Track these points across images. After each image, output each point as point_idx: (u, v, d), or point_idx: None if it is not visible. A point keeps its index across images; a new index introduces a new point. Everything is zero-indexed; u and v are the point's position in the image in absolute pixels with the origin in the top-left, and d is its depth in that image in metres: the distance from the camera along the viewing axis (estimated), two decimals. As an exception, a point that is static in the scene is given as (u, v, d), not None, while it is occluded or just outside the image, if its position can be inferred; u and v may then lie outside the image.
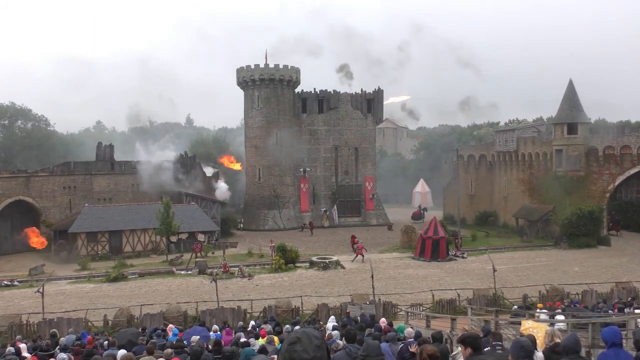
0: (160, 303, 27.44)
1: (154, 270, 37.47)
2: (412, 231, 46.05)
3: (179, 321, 23.36)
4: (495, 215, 59.29)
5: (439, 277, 34.78)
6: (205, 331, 16.62)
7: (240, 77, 60.18)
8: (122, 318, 23.75)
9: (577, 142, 46.86)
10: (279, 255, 38.00)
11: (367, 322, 16.62)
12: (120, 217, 45.02)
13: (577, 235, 44.56)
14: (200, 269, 36.75)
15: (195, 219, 47.03)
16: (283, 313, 24.53)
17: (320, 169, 61.88)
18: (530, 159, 53.22)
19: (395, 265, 38.65)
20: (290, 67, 59.85)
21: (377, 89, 63.63)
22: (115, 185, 52.48)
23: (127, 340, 13.40)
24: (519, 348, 5.87)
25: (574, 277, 33.44)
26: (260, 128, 59.60)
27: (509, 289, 28.83)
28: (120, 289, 32.69)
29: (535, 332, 11.27)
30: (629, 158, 45.68)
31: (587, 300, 24.97)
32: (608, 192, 46.97)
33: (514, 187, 56.11)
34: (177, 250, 44.14)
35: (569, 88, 48.37)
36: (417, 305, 25.77)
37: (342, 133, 62.18)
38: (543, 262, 39.43)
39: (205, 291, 30.83)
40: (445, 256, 40.53)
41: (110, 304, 27.69)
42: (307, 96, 61.74)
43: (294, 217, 59.17)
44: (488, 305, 24.62)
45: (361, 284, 31.44)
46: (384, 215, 62.86)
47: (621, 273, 34.19)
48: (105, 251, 43.47)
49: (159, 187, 51.04)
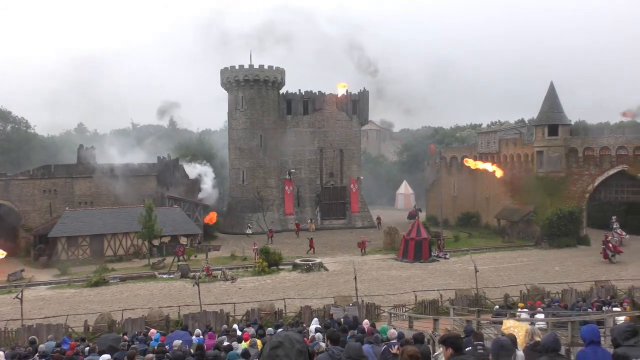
0: (142, 307, 27.13)
1: (135, 275, 37.08)
2: (395, 232, 46.27)
3: (161, 326, 23.15)
4: (477, 216, 59.81)
5: (422, 278, 34.97)
6: (188, 335, 16.49)
7: (224, 78, 59.88)
8: (103, 323, 23.46)
9: (558, 143, 47.49)
10: (262, 258, 37.88)
11: (350, 323, 16.63)
12: (101, 221, 44.49)
13: (558, 235, 45.20)
14: (182, 272, 36.47)
15: (178, 222, 46.67)
16: (266, 316, 24.46)
17: (305, 171, 61.74)
18: (512, 160, 53.80)
19: (378, 267, 38.78)
20: (275, 68, 59.69)
21: (363, 90, 63.66)
22: (97, 189, 51.84)
23: (108, 346, 13.20)
24: (499, 347, 5.95)
25: (555, 276, 33.91)
26: (244, 130, 59.34)
27: (490, 289, 29.10)
28: (102, 293, 32.29)
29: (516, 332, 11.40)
30: (607, 159, 46.42)
31: (567, 299, 25.32)
32: (588, 193, 47.68)
33: (495, 188, 56.64)
34: (159, 254, 43.73)
35: (550, 90, 49.01)
36: (400, 306, 25.88)
37: (327, 135, 62.08)
38: (524, 262, 39.89)
39: (187, 295, 30.60)
40: (428, 257, 40.77)
41: (91, 309, 27.35)
42: (292, 97, 61.58)
43: (278, 220, 58.99)
44: (470, 306, 24.82)
45: (344, 286, 31.48)
46: (369, 217, 62.94)
47: (600, 272, 34.75)
48: (86, 256, 42.89)
49: (138, 190, 50.57)
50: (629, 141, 45.39)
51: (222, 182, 61.93)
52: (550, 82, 49.13)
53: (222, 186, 61.64)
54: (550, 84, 49.10)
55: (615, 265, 37.58)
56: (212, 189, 57.38)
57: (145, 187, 53.66)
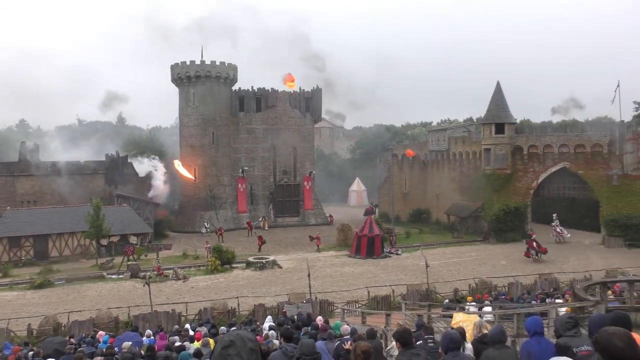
0: (89, 309, 26.34)
1: (83, 276, 35.91)
2: (348, 229, 46.67)
3: (110, 327, 22.55)
4: (428, 212, 61.06)
5: (375, 274, 35.43)
6: (138, 336, 16.14)
7: (174, 73, 58.68)
8: (48, 326, 22.63)
9: (504, 141, 49.01)
10: (214, 257, 37.45)
11: (303, 320, 16.69)
12: (45, 221, 42.82)
13: (504, 230, 46.73)
14: (132, 272, 35.61)
15: (127, 221, 45.50)
16: (219, 315, 24.22)
17: (258, 168, 61.34)
18: (461, 157, 55.18)
19: (331, 264, 39.01)
20: (227, 64, 58.92)
21: (316, 88, 63.80)
22: (41, 188, 49.86)
23: (54, 350, 12.72)
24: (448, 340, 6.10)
25: (501, 270, 35.04)
26: (196, 127, 58.37)
27: (440, 284, 29.78)
28: (46, 296, 31.11)
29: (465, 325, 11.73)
30: (550, 156, 48.27)
31: (512, 292, 26.22)
32: (532, 189, 49.45)
33: (445, 185, 58.02)
34: (108, 254, 42.53)
35: (497, 90, 50.47)
36: (353, 302, 26.15)
37: (281, 132, 61.79)
38: (473, 256, 41.03)
39: (138, 295, 29.91)
40: (380, 253, 41.33)
41: (35, 312, 26.29)
42: (245, 94, 60.99)
43: (231, 218, 58.40)
44: (421, 300, 25.32)
45: (298, 283, 31.53)
46: (322, 214, 63.18)
47: (543, 265, 36.11)
48: (29, 257, 41.24)
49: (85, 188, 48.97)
50: (570, 139, 47.35)
51: (174, 180, 60.77)
52: (496, 82, 50.63)
53: (173, 184, 60.47)
54: (497, 83, 50.55)
55: (557, 258, 39.13)
56: (163, 186, 56.19)
57: (92, 185, 52.05)
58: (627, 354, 3.30)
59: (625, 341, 3.34)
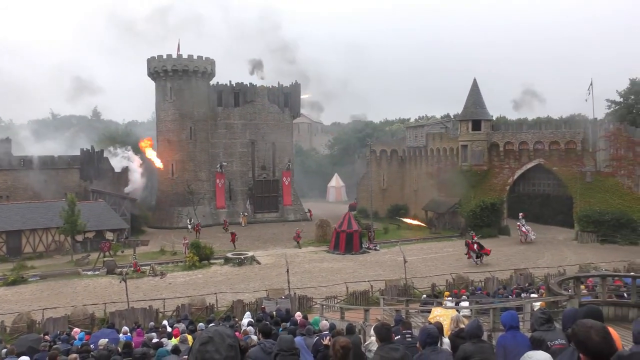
0: (65, 306, 25.93)
1: (57, 272, 35.33)
2: (326, 225, 46.76)
3: (86, 324, 22.28)
4: (406, 208, 61.46)
5: (353, 269, 35.59)
6: (115, 333, 15.95)
7: (151, 67, 57.86)
8: (22, 324, 22.26)
9: (481, 138, 49.60)
10: (192, 253, 37.18)
11: (282, 316, 16.70)
12: (18, 216, 41.98)
13: (481, 225, 47.29)
14: (108, 268, 35.16)
15: (103, 217, 44.90)
16: (197, 311, 24.08)
17: (236, 164, 60.94)
18: (439, 153, 55.66)
19: (310, 259, 39.07)
20: (205, 58, 58.32)
21: (294, 83, 63.56)
22: (13, 182, 48.85)
23: (28, 347, 12.50)
24: (425, 335, 6.16)
25: (478, 265, 35.48)
26: (174, 122, 57.72)
27: (418, 279, 30.07)
28: (20, 292, 30.54)
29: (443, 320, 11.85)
30: (526, 153, 49.01)
31: (489, 287, 26.62)
32: (508, 185, 50.17)
33: (423, 181, 58.47)
34: (83, 250, 41.92)
35: (473, 87, 51.00)
36: (331, 297, 26.25)
37: (259, 127, 61.49)
38: (450, 252, 41.49)
39: (114, 292, 29.56)
40: (359, 249, 41.53)
41: (8, 309, 25.82)
42: (223, 89, 60.46)
43: (209, 213, 57.97)
44: (399, 295, 25.55)
45: (277, 279, 31.51)
46: (301, 210, 63.05)
47: (519, 261, 36.69)
48: (2, 253, 40.40)
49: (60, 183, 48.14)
50: (545, 136, 48.11)
51: (151, 176, 60.06)
52: (473, 79, 51.15)
53: (150, 179, 59.78)
54: (474, 80, 51.08)
55: (533, 253, 39.79)
56: (140, 180, 55.43)
57: (66, 180, 51.25)
58: (604, 347, 3.38)
59: (601, 335, 3.41)
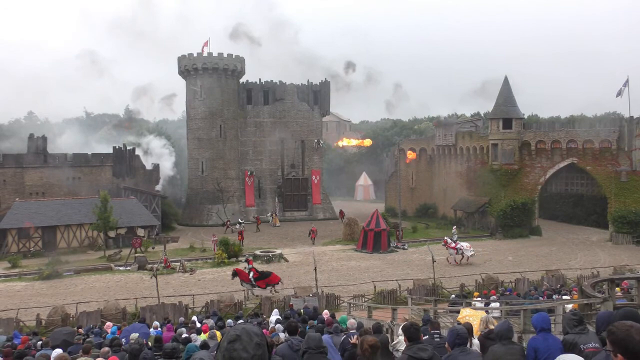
0: (97, 300, 26.53)
1: (91, 267, 36.17)
2: (354, 224, 46.66)
3: (118, 318, 22.68)
4: (434, 207, 60.91)
5: (381, 268, 35.44)
6: (145, 328, 16.23)
7: (182, 65, 58.58)
8: (57, 317, 22.80)
9: (512, 136, 48.77)
10: (221, 250, 37.58)
11: (310, 314, 16.75)
12: (54, 212, 43.12)
13: (511, 226, 46.58)
14: (139, 264, 35.81)
15: (134, 213, 45.74)
16: (226, 307, 24.31)
17: (265, 162, 61.25)
18: (468, 152, 54.96)
19: (338, 258, 39.06)
20: (235, 56, 58.74)
21: (324, 80, 63.46)
22: (49, 179, 50.16)
23: (62, 340, 12.86)
24: (455, 335, 6.09)
25: (508, 266, 34.95)
26: (204, 119, 58.35)
27: (447, 279, 29.78)
28: (55, 286, 31.37)
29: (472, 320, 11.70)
30: (558, 152, 47.99)
31: (519, 288, 26.16)
32: (540, 185, 49.22)
33: (452, 180, 57.84)
34: (115, 246, 42.79)
35: (504, 85, 50.18)
36: (359, 296, 26.17)
37: (288, 125, 61.59)
38: (479, 252, 40.87)
39: (145, 287, 30.10)
40: (386, 248, 41.33)
41: (43, 303, 26.54)
42: (252, 87, 60.79)
43: (238, 211, 58.43)
44: (427, 295, 25.31)
45: (304, 277, 31.61)
46: (330, 209, 62.87)
47: (551, 261, 35.99)
48: (38, 248, 41.57)
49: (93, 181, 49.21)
50: (578, 135, 47.01)
51: (181, 173, 60.93)
52: (504, 77, 50.32)
53: (181, 177, 60.67)
54: (505, 78, 50.26)
55: (565, 254, 38.96)
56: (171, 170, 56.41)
57: (100, 177, 52.32)
58: None
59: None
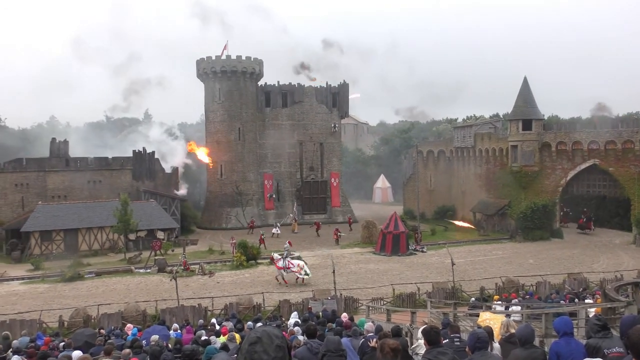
0: (118, 302, 26.88)
1: (111, 269, 36.63)
2: (372, 226, 46.51)
3: (138, 320, 22.94)
4: (453, 209, 60.41)
5: (400, 271, 35.26)
6: (165, 330, 16.38)
7: (200, 68, 58.96)
8: (79, 318, 23.15)
9: (532, 137, 48.21)
10: (240, 252, 37.76)
11: (328, 317, 16.73)
12: (75, 215, 43.77)
13: (532, 228, 45.98)
14: (159, 267, 36.15)
15: (154, 216, 46.21)
16: (245, 310, 24.43)
17: (284, 164, 61.28)
18: (487, 154, 54.44)
19: (356, 260, 38.98)
20: (253, 59, 58.82)
21: (343, 83, 63.16)
22: (71, 183, 50.97)
23: (84, 341, 13.06)
24: (475, 339, 6.03)
25: (529, 269, 34.50)
26: (222, 122, 58.61)
27: (466, 282, 29.49)
28: (77, 288, 31.84)
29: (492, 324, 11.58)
30: (579, 153, 47.28)
31: (540, 292, 25.82)
32: (561, 187, 48.53)
33: (471, 182, 57.35)
34: (135, 249, 43.27)
35: (524, 85, 49.62)
36: (378, 299, 26.06)
37: (307, 128, 61.48)
38: (499, 255, 40.52)
39: (165, 289, 30.35)
40: (405, 250, 41.11)
41: (65, 305, 26.93)
42: (271, 89, 60.83)
43: (257, 214, 58.52)
44: (447, 298, 25.12)
45: (323, 280, 31.60)
46: (350, 211, 62.36)
47: (573, 265, 35.46)
48: (60, 250, 42.21)
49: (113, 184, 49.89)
50: (600, 136, 46.25)
51: (200, 176, 61.42)
52: (524, 77, 49.79)
53: (200, 180, 61.15)
54: (524, 79, 49.71)
55: (587, 257, 38.34)
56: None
57: (120, 180, 53.02)
58: None
59: None
